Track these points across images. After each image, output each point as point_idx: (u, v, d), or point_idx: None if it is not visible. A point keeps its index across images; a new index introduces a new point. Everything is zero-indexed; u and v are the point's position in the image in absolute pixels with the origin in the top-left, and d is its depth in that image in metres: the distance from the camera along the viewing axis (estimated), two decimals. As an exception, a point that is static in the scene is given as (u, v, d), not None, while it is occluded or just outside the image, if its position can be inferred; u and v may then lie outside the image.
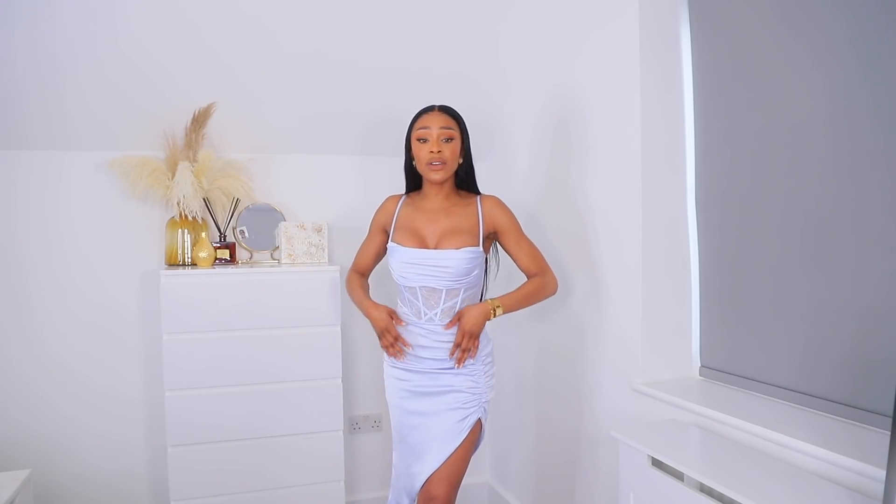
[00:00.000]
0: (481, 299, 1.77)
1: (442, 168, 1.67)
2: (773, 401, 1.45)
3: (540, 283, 1.74)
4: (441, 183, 1.72)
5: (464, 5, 2.06)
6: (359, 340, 2.52)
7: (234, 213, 2.33)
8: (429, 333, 1.70)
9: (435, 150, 1.66)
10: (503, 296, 1.70)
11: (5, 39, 1.83)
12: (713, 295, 1.66)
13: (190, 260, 2.21)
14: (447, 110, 1.73)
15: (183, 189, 2.10)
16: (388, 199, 1.85)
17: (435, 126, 1.67)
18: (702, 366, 1.71)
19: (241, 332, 2.11)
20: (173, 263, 2.21)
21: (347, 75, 2.18)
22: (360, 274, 1.88)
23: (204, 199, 2.22)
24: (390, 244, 1.75)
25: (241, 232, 2.37)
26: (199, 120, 2.15)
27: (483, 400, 1.72)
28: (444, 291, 1.68)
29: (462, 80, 2.26)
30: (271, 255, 2.41)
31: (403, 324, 1.72)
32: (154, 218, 2.28)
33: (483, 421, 1.72)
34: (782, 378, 1.44)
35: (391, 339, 1.70)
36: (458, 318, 1.67)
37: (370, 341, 2.52)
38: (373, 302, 1.75)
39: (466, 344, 1.65)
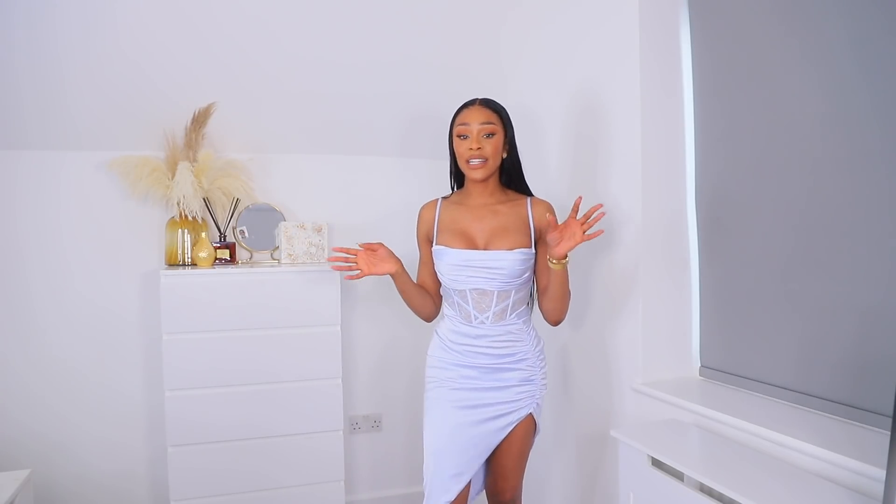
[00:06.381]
0: (531, 299, 1.72)
1: (483, 166, 1.59)
2: (773, 401, 1.45)
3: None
4: (484, 180, 1.64)
5: (464, 8, 2.06)
6: (359, 340, 2.52)
7: (234, 213, 2.32)
8: (480, 338, 1.62)
9: (474, 146, 1.58)
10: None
11: (5, 39, 1.83)
12: (713, 295, 1.66)
13: (190, 260, 2.20)
14: (489, 104, 1.64)
15: (183, 189, 2.10)
16: (423, 209, 1.74)
17: (475, 122, 1.59)
18: (702, 366, 1.71)
19: (241, 332, 2.11)
20: (173, 263, 2.21)
21: (348, 77, 2.18)
22: (428, 293, 1.76)
23: (204, 199, 2.22)
24: (436, 247, 1.66)
25: (241, 232, 2.37)
26: (200, 120, 2.15)
27: (538, 396, 1.65)
28: (495, 293, 1.59)
29: (460, 82, 2.25)
30: (271, 255, 2.41)
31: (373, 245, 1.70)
32: (154, 218, 2.28)
33: (536, 417, 1.65)
34: (782, 378, 1.45)
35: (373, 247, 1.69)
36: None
37: (370, 341, 2.53)
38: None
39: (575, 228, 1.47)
